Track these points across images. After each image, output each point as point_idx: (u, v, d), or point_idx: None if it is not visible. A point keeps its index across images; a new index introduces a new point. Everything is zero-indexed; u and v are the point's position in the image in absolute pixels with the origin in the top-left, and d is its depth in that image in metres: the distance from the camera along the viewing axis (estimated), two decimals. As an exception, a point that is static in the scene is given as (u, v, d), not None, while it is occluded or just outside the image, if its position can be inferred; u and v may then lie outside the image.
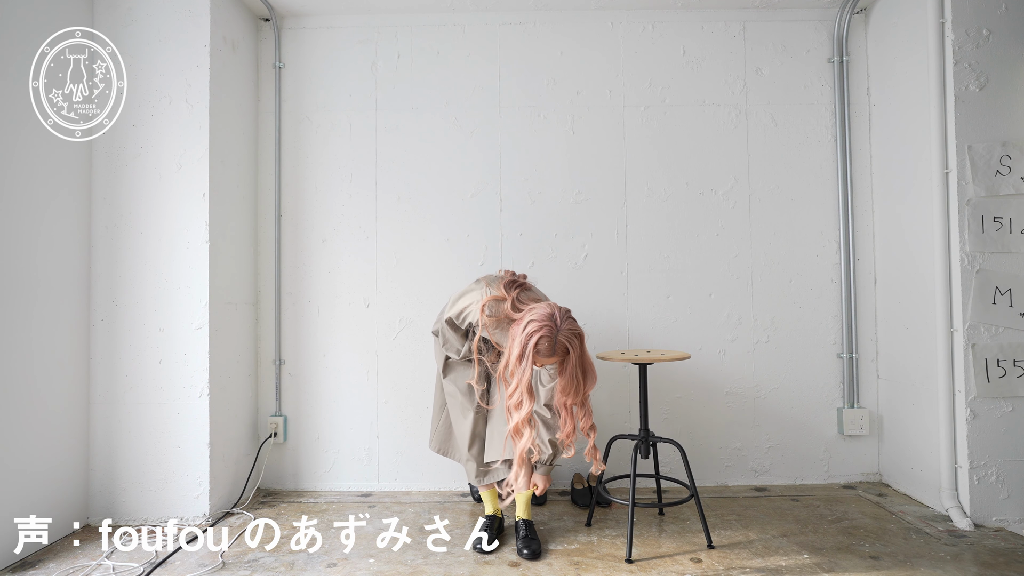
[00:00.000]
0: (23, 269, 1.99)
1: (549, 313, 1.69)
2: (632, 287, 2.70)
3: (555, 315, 1.69)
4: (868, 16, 2.70)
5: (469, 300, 1.91)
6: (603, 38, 2.75)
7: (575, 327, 1.71)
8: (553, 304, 1.75)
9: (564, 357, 1.70)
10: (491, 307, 1.85)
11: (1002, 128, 2.19)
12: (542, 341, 1.66)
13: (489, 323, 1.85)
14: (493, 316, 1.84)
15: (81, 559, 1.95)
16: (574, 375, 1.70)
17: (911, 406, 2.45)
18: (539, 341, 1.66)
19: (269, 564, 1.90)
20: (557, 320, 1.68)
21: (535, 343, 1.66)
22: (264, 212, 2.73)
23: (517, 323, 1.74)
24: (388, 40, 2.75)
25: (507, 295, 1.83)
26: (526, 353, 1.67)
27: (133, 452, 2.26)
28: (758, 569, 1.82)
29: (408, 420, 2.67)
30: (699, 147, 2.72)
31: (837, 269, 2.69)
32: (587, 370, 1.74)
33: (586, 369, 1.73)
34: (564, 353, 1.69)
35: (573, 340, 1.69)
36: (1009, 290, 2.16)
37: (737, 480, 2.67)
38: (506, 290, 1.85)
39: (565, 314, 1.71)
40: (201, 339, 2.28)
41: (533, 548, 1.93)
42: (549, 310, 1.71)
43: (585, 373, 1.73)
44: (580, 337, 1.72)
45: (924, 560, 1.87)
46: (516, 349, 1.69)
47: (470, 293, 1.93)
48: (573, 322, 1.72)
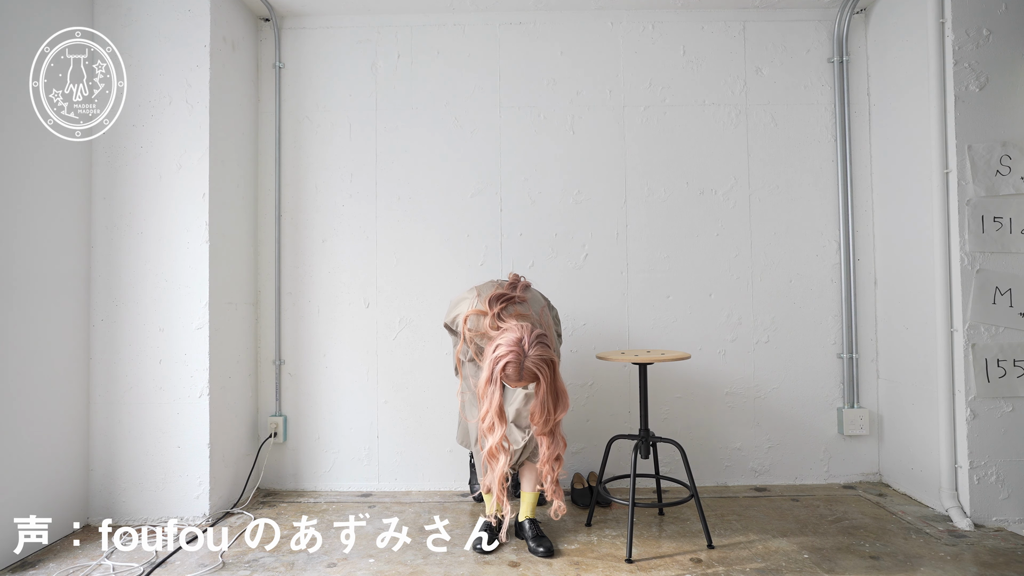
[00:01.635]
0: (23, 269, 1.99)
1: (518, 338, 1.67)
2: (632, 287, 2.70)
3: (524, 340, 1.67)
4: (868, 16, 2.70)
5: (460, 309, 1.92)
6: (603, 38, 2.75)
7: (545, 353, 1.68)
8: (526, 327, 1.71)
9: (534, 382, 1.69)
10: (472, 321, 1.84)
11: (1002, 128, 2.19)
12: (509, 366, 1.65)
13: (471, 336, 1.85)
14: (474, 330, 1.84)
15: (81, 559, 1.95)
16: (544, 402, 1.69)
17: (911, 406, 2.45)
18: (506, 366, 1.66)
19: (269, 564, 1.90)
20: (525, 346, 1.66)
21: (502, 368, 1.66)
22: (264, 212, 2.73)
23: (490, 343, 1.73)
24: (388, 40, 2.75)
25: (489, 311, 1.80)
26: (494, 377, 1.67)
27: (133, 452, 2.26)
28: (758, 569, 1.82)
29: (408, 420, 2.67)
30: (699, 147, 2.72)
31: (837, 269, 2.69)
32: (559, 397, 1.72)
33: (558, 395, 1.71)
34: (532, 379, 1.68)
35: (542, 367, 1.67)
36: (1009, 290, 2.16)
37: (737, 480, 2.66)
38: (490, 305, 1.81)
39: (535, 339, 1.68)
40: (201, 339, 2.28)
41: (547, 546, 1.94)
42: (518, 334, 1.68)
43: (556, 400, 1.71)
44: (550, 364, 1.69)
45: (924, 560, 1.87)
46: (485, 372, 1.69)
47: (462, 302, 1.94)
48: (545, 348, 1.69)
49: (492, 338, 1.76)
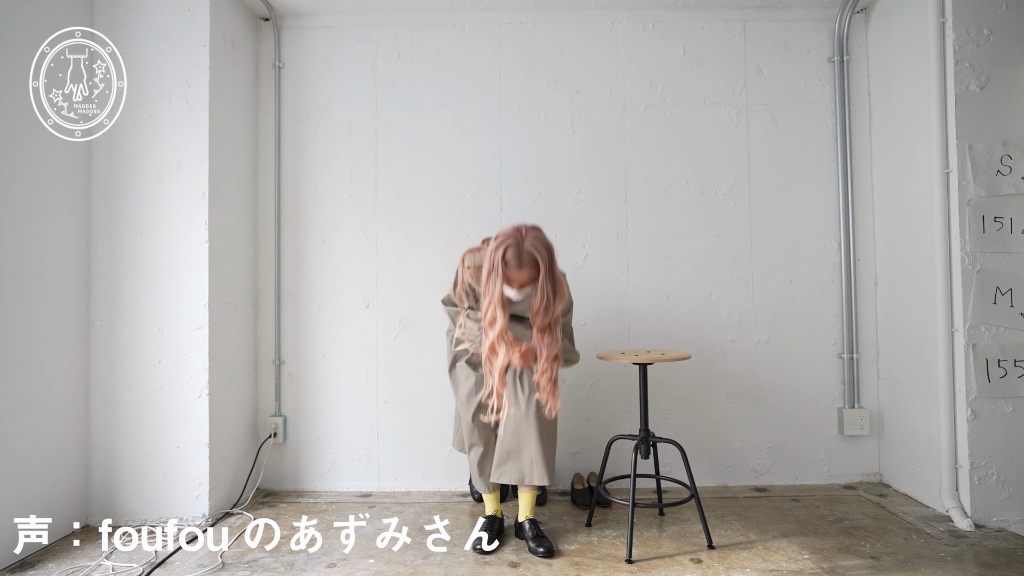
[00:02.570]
0: (23, 269, 1.99)
1: (515, 228, 1.78)
2: (632, 287, 2.69)
3: (521, 228, 1.78)
4: (868, 16, 2.70)
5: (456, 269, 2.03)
6: (603, 38, 2.75)
7: (542, 237, 1.78)
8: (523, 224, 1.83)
9: (535, 272, 1.76)
10: (470, 258, 1.95)
11: (1003, 128, 2.19)
12: (508, 251, 1.74)
13: (471, 273, 1.94)
14: (472, 266, 1.94)
15: (81, 559, 1.95)
16: (544, 290, 1.75)
17: (911, 406, 2.45)
18: (505, 251, 1.74)
19: (269, 564, 1.90)
20: (523, 231, 1.77)
21: (502, 254, 1.74)
22: (264, 212, 2.73)
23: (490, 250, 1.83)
24: (388, 40, 2.75)
25: (483, 246, 1.93)
26: (495, 267, 1.75)
27: (133, 452, 2.26)
28: (758, 570, 1.82)
29: (408, 420, 2.66)
30: (699, 147, 2.72)
31: (837, 269, 2.69)
32: (556, 285, 1.78)
33: (556, 284, 1.78)
34: (532, 264, 1.75)
35: (540, 249, 1.75)
36: (1010, 290, 2.16)
37: (737, 480, 2.66)
38: (483, 243, 1.96)
39: (531, 228, 1.79)
40: (201, 339, 2.28)
41: (547, 546, 1.93)
42: (515, 226, 1.79)
43: (555, 289, 1.78)
44: (548, 249, 1.77)
45: (924, 560, 1.87)
46: (486, 265, 1.79)
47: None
48: (540, 233, 1.79)
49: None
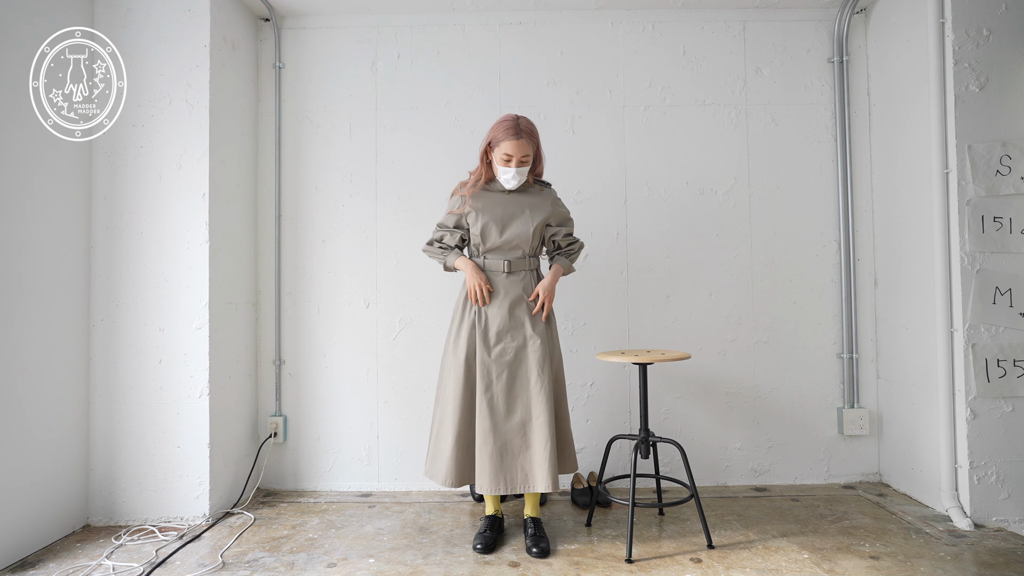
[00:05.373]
0: (23, 269, 1.99)
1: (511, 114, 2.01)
2: (632, 287, 2.70)
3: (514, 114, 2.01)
4: (868, 16, 2.70)
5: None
6: (603, 38, 2.75)
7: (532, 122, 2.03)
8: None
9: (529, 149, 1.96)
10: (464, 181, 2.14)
11: (1002, 128, 2.19)
12: (506, 122, 1.95)
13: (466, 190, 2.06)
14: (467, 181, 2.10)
15: (81, 559, 1.95)
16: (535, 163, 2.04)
17: (911, 406, 2.45)
18: (504, 125, 1.95)
19: (269, 564, 1.90)
20: (517, 114, 2.00)
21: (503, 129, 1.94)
22: (264, 212, 2.73)
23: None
24: (388, 40, 2.75)
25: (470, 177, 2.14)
26: (492, 144, 1.98)
27: (133, 452, 2.26)
28: (758, 569, 1.82)
29: (408, 420, 2.67)
30: (699, 147, 2.72)
31: (837, 269, 2.69)
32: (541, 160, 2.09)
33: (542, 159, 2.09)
34: (530, 135, 1.96)
35: (533, 128, 1.99)
36: (1009, 290, 2.16)
37: (737, 480, 2.66)
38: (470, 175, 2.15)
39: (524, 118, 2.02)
40: (201, 339, 2.28)
41: (542, 547, 1.93)
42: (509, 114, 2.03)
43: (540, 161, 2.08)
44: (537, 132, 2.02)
45: (924, 560, 1.87)
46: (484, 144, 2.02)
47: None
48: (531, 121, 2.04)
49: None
